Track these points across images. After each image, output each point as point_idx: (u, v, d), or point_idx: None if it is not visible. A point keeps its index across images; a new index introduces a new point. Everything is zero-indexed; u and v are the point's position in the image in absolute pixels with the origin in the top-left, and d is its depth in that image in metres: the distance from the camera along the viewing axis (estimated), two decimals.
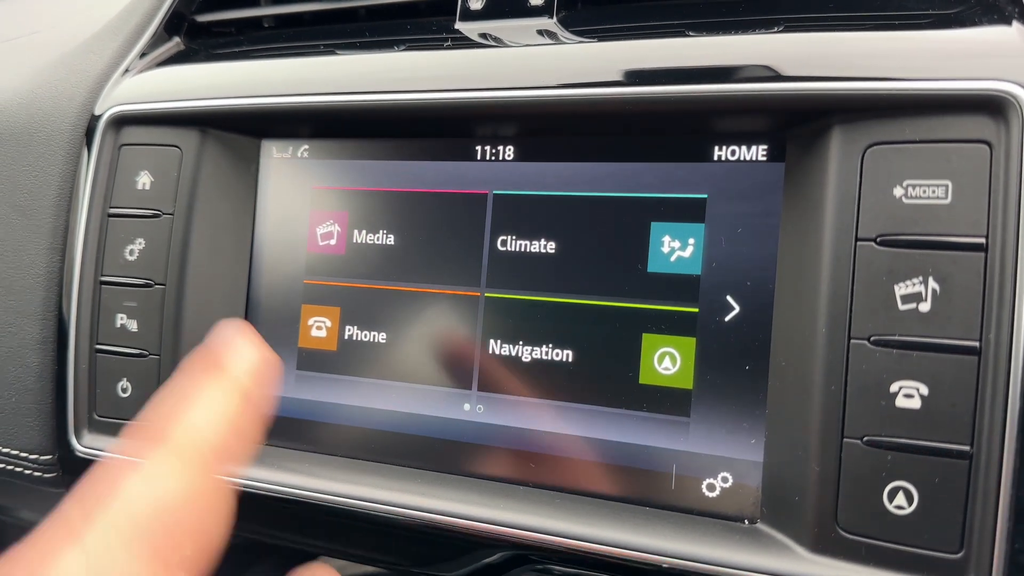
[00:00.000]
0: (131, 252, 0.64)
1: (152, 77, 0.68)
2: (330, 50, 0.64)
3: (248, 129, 0.64)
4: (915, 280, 0.43)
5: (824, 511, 0.45)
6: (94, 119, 0.67)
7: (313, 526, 0.58)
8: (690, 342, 0.52)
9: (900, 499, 0.43)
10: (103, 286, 0.65)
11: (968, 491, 0.42)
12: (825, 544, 0.45)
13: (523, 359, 0.56)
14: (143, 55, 0.72)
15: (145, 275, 0.63)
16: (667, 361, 0.52)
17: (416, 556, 0.56)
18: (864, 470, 0.44)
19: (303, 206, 0.63)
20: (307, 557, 0.71)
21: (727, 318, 0.51)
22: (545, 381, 0.55)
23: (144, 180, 0.64)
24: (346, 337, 0.61)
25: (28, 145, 0.71)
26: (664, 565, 0.47)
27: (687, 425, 0.51)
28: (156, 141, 0.65)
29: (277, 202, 0.64)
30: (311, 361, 0.62)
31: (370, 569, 0.68)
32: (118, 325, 0.64)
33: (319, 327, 0.62)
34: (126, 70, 0.71)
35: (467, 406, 0.57)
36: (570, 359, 0.54)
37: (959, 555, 0.42)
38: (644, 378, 0.53)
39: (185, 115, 0.64)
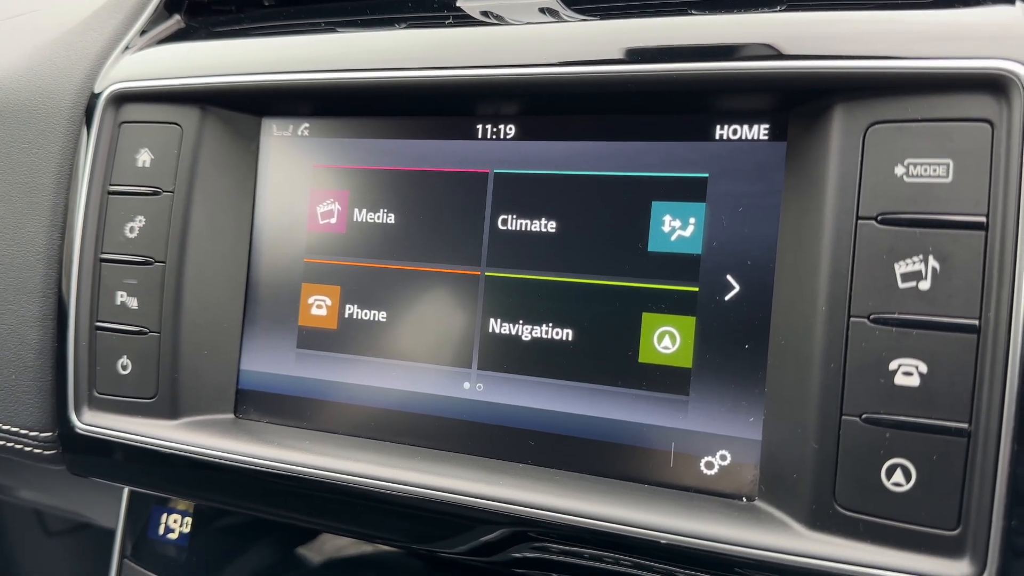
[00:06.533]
0: (131, 229, 0.64)
1: (152, 55, 0.68)
2: (331, 27, 0.64)
3: (248, 107, 0.64)
4: (915, 258, 0.43)
5: (822, 488, 0.45)
6: (94, 97, 0.67)
7: (313, 504, 0.58)
8: (690, 321, 0.52)
9: (898, 476, 0.43)
10: (103, 263, 0.64)
11: (966, 468, 0.42)
12: (823, 521, 0.45)
13: (523, 338, 0.56)
14: (143, 33, 0.71)
15: (145, 252, 0.63)
16: (667, 340, 0.52)
17: (416, 533, 0.56)
18: (862, 447, 0.44)
19: (303, 184, 0.63)
20: (308, 535, 0.71)
21: (727, 297, 0.51)
22: (545, 360, 0.55)
23: (144, 158, 0.64)
24: (346, 316, 0.61)
25: (28, 123, 0.70)
26: (663, 541, 0.48)
27: (686, 404, 0.52)
28: (156, 119, 0.64)
29: (277, 180, 0.64)
30: (311, 339, 0.62)
31: (371, 547, 0.69)
32: (118, 302, 0.64)
33: (319, 306, 0.62)
34: (126, 48, 0.70)
35: (467, 384, 0.57)
36: (570, 338, 0.54)
37: (956, 532, 0.42)
38: (644, 357, 0.53)
39: (185, 93, 0.64)
